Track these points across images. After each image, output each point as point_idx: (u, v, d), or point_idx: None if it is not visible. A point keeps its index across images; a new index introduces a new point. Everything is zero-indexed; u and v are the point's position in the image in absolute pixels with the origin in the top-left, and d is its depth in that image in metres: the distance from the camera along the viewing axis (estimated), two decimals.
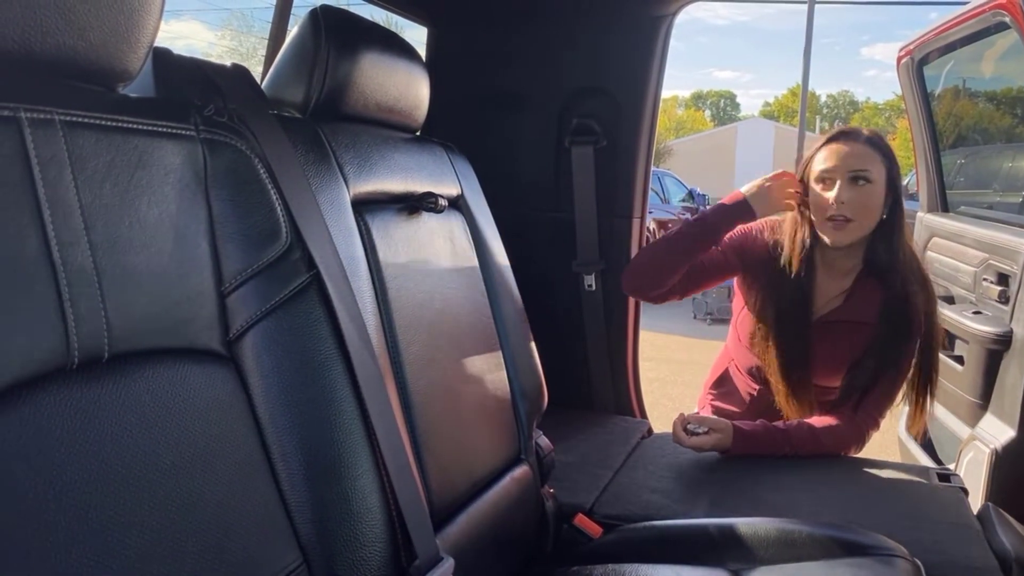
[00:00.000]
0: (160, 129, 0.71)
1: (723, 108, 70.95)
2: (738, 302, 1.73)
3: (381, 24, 1.14)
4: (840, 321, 1.60)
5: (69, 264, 0.60)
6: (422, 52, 1.84)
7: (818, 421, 1.55)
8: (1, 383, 0.54)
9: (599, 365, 1.88)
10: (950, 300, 2.34)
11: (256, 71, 1.20)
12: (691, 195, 11.85)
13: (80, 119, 0.64)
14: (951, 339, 2.28)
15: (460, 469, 1.06)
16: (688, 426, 1.50)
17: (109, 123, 0.66)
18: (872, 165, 1.51)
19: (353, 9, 1.16)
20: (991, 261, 2.09)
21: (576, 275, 1.87)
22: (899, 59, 2.56)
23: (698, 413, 1.51)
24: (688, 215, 9.95)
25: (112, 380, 0.62)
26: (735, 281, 1.73)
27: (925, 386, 1.60)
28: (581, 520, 1.30)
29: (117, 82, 0.70)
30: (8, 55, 0.58)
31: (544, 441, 1.30)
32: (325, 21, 0.99)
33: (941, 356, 2.26)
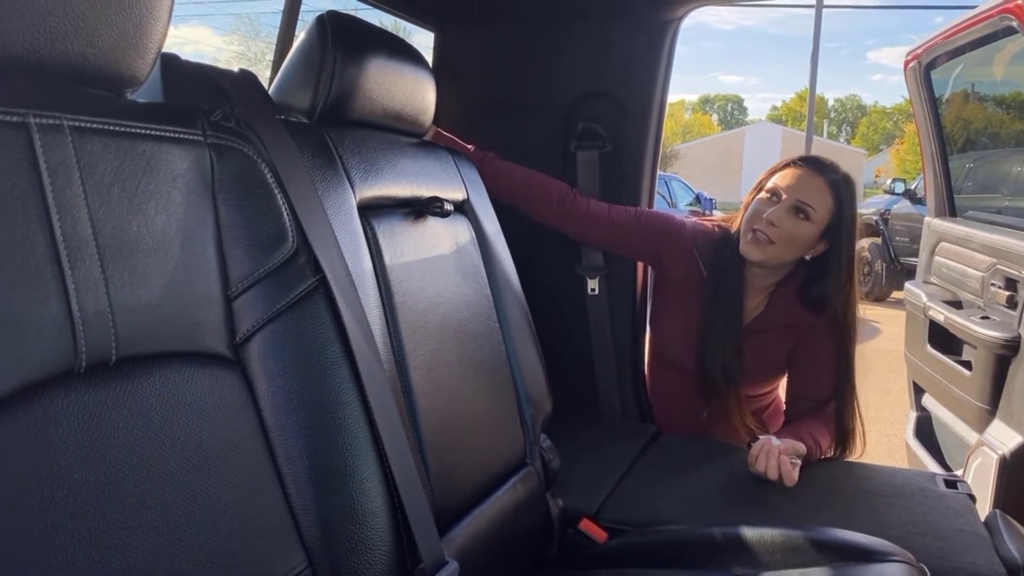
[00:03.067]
0: (168, 134, 0.72)
1: (730, 112, 70.88)
2: (658, 305, 1.75)
3: (389, 29, 1.15)
4: (764, 329, 1.62)
5: (77, 268, 0.60)
6: (428, 56, 1.84)
7: (810, 426, 1.54)
8: (10, 386, 0.55)
9: (604, 369, 1.87)
10: (958, 305, 2.33)
11: (264, 76, 1.21)
12: (698, 199, 11.83)
13: (88, 124, 0.64)
14: (958, 344, 2.27)
15: (465, 473, 1.06)
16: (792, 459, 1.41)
17: (117, 128, 0.67)
18: (819, 204, 1.51)
19: (360, 14, 1.17)
20: (999, 266, 2.08)
21: (580, 279, 1.87)
22: (906, 63, 2.55)
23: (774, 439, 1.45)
24: (694, 219, 9.92)
25: (119, 383, 0.63)
26: (651, 275, 1.77)
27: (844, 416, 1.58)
28: (587, 525, 1.30)
29: (125, 88, 0.70)
30: (17, 61, 0.59)
31: (549, 445, 1.30)
32: (332, 27, 1.00)
33: (950, 361, 2.27)
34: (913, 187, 8.16)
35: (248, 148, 0.79)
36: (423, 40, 1.89)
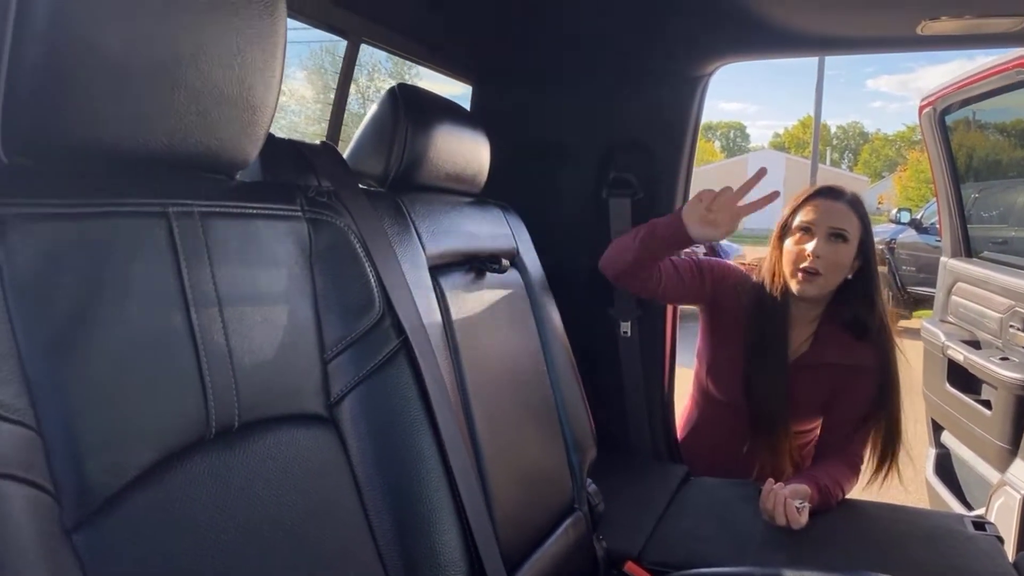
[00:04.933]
0: (274, 212, 0.78)
1: (732, 139, 71.31)
2: (704, 341, 1.78)
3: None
4: (810, 365, 1.66)
5: (207, 343, 0.66)
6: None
7: (832, 468, 1.58)
8: (157, 455, 0.60)
9: (636, 410, 1.92)
10: (976, 344, 2.38)
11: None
12: None
13: (212, 208, 0.71)
14: (977, 383, 2.32)
15: (524, 520, 1.11)
16: (797, 504, 1.43)
17: (235, 210, 0.73)
18: (850, 225, 1.59)
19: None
20: (1017, 308, 2.14)
21: (613, 321, 1.92)
22: (921, 108, 2.63)
23: (783, 483, 1.48)
24: (701, 247, 10.00)
25: (241, 447, 0.69)
26: (700, 318, 1.79)
27: (889, 442, 1.63)
28: (631, 568, 1.34)
29: (237, 171, 0.77)
30: (157, 156, 0.66)
31: (594, 489, 1.35)
32: (403, 99, 1.07)
33: (969, 400, 2.31)
34: (919, 216, 8.24)
35: (339, 220, 0.86)
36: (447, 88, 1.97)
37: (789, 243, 1.63)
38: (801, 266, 1.58)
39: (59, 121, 0.58)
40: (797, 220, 1.62)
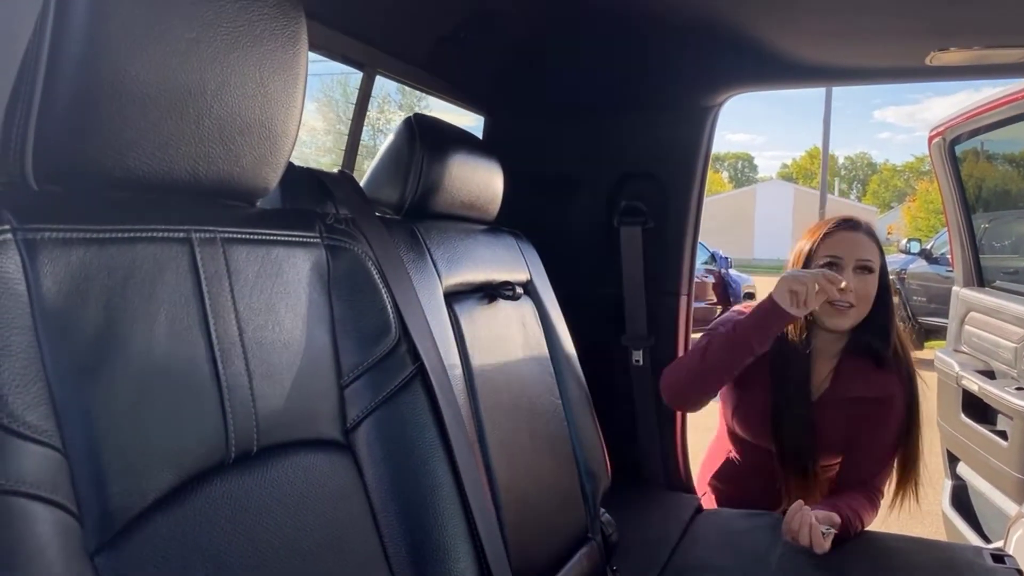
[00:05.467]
0: (294, 239, 0.79)
1: (740, 170, 71.59)
2: (729, 387, 1.75)
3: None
4: (834, 400, 1.65)
5: (228, 367, 0.67)
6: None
7: (853, 500, 1.57)
8: (177, 479, 0.61)
9: (649, 439, 1.91)
10: (990, 374, 2.36)
11: None
12: (713, 258, 11.89)
13: (234, 235, 0.72)
14: (993, 413, 2.30)
15: (538, 549, 1.11)
16: (823, 529, 1.41)
17: (255, 237, 0.74)
18: (873, 256, 1.60)
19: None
20: None
21: (625, 350, 1.92)
22: (930, 138, 2.64)
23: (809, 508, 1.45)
24: (710, 276, 9.98)
25: (259, 472, 0.69)
26: None
27: (909, 466, 1.63)
28: None
29: (257, 198, 0.78)
30: (180, 183, 0.67)
31: (608, 519, 1.34)
32: (419, 129, 1.08)
33: (985, 430, 2.29)
34: (929, 246, 8.22)
35: (357, 247, 0.87)
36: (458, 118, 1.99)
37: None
38: (830, 301, 1.57)
39: (88, 150, 0.59)
40: (821, 253, 1.62)
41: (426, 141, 1.08)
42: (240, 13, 0.67)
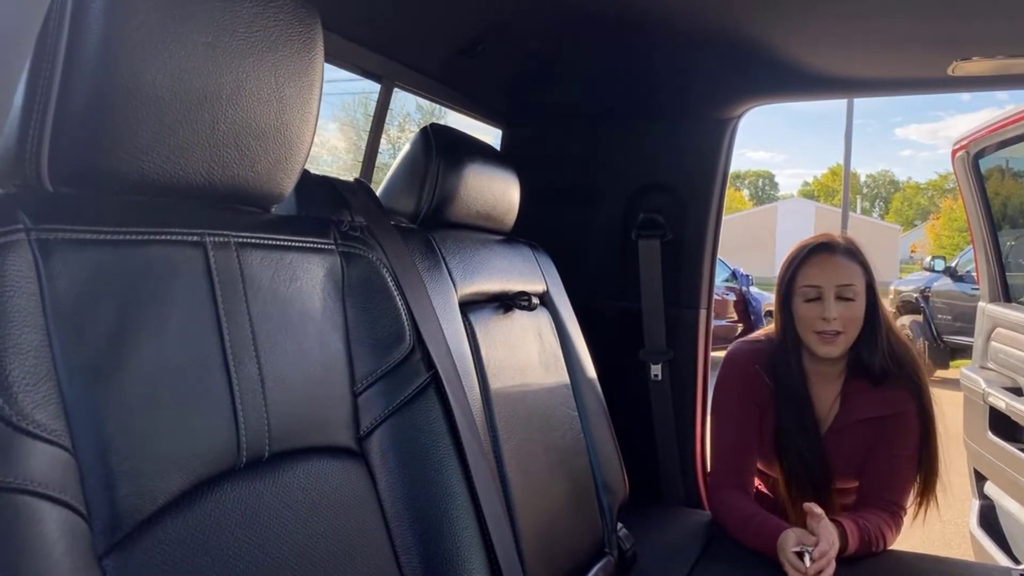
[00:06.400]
0: (308, 245, 0.79)
1: (761, 188, 71.24)
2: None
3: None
4: (847, 424, 1.62)
5: (240, 372, 0.67)
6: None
7: (875, 517, 1.53)
8: (187, 483, 0.60)
9: (668, 456, 1.89)
10: (1018, 391, 2.31)
11: None
12: (734, 275, 11.81)
13: (248, 239, 0.72)
14: (1021, 431, 2.25)
15: (553, 561, 1.09)
16: (804, 551, 1.35)
17: (270, 242, 0.74)
18: (855, 279, 1.55)
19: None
20: None
21: (643, 364, 1.90)
22: (954, 152, 2.61)
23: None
24: (731, 294, 9.91)
25: (271, 478, 0.68)
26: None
27: (927, 473, 1.59)
28: None
29: (272, 204, 0.79)
30: (195, 188, 0.67)
31: (625, 534, 1.32)
32: (435, 139, 1.09)
33: (1014, 449, 2.24)
34: (954, 264, 8.10)
35: (372, 255, 0.86)
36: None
37: (799, 306, 1.58)
38: (816, 330, 1.55)
39: (103, 154, 0.60)
40: (800, 282, 1.58)
41: (442, 151, 1.08)
42: (256, 18, 0.68)
